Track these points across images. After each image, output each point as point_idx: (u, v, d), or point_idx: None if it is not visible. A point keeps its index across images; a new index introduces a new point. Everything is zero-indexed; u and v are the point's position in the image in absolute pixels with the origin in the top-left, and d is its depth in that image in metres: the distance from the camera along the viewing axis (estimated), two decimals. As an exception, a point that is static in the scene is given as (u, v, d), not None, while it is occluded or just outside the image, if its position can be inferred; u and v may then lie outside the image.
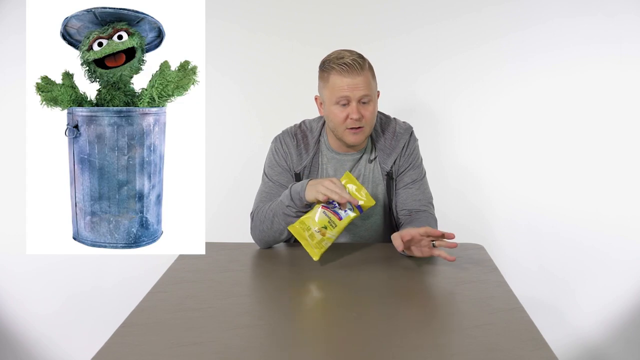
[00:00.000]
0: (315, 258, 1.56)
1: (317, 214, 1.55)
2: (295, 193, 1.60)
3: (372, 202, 1.57)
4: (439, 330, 1.23)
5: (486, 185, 2.48)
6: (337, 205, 1.55)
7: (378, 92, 1.76)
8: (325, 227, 1.54)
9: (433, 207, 1.83)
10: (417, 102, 2.46)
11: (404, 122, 1.86)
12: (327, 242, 1.56)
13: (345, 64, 1.65)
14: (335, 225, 1.55)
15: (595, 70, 2.37)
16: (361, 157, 1.81)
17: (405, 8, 2.41)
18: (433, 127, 2.45)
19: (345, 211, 1.55)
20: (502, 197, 2.48)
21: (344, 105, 1.68)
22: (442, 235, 1.52)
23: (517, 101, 2.43)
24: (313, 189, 1.55)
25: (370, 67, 1.71)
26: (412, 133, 1.84)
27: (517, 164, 2.46)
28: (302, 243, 1.56)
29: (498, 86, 2.43)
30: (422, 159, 1.86)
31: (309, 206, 1.60)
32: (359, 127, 1.69)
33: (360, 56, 1.69)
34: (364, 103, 1.68)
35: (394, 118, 1.86)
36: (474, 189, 2.49)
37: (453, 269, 1.57)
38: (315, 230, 1.54)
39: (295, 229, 1.56)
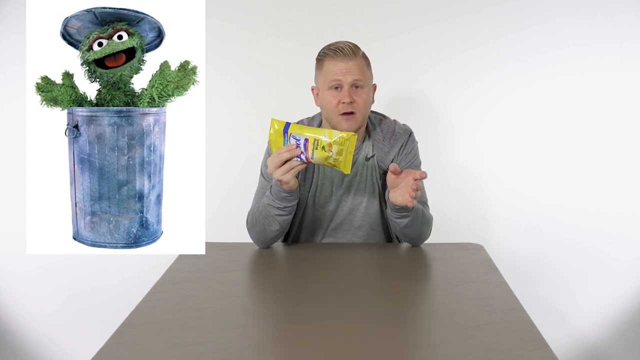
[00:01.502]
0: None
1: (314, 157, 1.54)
2: (275, 189, 1.64)
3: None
4: (439, 330, 1.23)
5: (486, 185, 2.48)
6: (300, 158, 1.54)
7: (375, 85, 1.77)
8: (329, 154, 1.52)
9: (428, 207, 1.83)
10: (416, 102, 2.46)
11: (403, 124, 1.86)
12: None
13: (338, 49, 1.68)
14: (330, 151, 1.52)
15: (595, 70, 2.37)
16: (358, 154, 1.80)
17: (405, 8, 2.41)
18: (433, 127, 2.45)
19: (313, 155, 1.53)
20: (502, 197, 2.47)
21: (337, 89, 1.69)
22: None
23: (517, 101, 2.42)
24: (275, 173, 1.56)
25: (365, 57, 1.73)
26: (411, 134, 1.83)
27: (517, 164, 2.46)
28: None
29: (498, 86, 2.43)
30: (421, 162, 1.86)
31: (290, 193, 1.62)
32: (351, 113, 1.68)
33: (355, 45, 1.71)
34: (356, 87, 1.68)
35: (394, 120, 1.86)
36: (474, 189, 2.48)
37: (453, 269, 1.57)
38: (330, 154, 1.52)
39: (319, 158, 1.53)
